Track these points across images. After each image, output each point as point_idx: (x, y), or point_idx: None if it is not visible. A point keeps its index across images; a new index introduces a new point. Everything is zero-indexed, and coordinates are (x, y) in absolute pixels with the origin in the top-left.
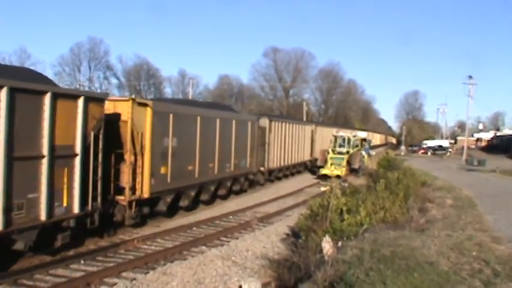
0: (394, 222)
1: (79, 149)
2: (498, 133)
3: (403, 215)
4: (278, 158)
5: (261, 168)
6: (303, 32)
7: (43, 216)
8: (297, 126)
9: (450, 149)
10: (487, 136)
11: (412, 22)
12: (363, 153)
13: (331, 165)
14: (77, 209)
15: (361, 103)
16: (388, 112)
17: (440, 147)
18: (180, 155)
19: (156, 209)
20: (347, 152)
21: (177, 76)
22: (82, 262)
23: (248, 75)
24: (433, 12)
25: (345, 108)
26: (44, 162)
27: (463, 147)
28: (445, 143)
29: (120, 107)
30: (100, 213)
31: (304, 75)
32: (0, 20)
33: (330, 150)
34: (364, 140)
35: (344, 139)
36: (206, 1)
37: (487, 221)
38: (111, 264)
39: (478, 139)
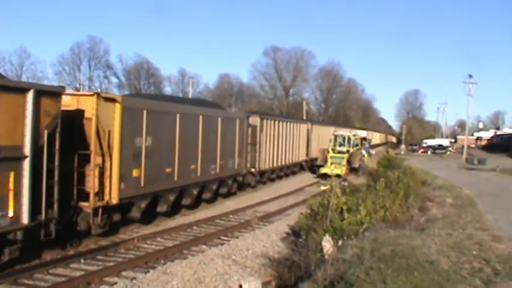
0: (394, 221)
1: (28, 150)
2: (498, 132)
3: (403, 214)
4: (270, 158)
5: (252, 170)
6: (303, 31)
7: None
8: (291, 124)
9: (450, 148)
10: (487, 135)
11: (412, 21)
12: (363, 152)
13: (331, 164)
14: (26, 219)
15: (361, 102)
16: (388, 111)
17: (441, 146)
18: (155, 156)
19: (129, 215)
20: (347, 151)
21: (177, 75)
22: (82, 261)
23: (248, 74)
24: (433, 11)
25: (345, 107)
26: None
27: (463, 146)
28: (445, 142)
29: (84, 103)
30: (58, 222)
31: (304, 74)
32: (1, 19)
33: (330, 149)
34: (364, 139)
35: (344, 138)
36: (206, 0)
37: (487, 220)
38: (111, 264)
39: (478, 138)
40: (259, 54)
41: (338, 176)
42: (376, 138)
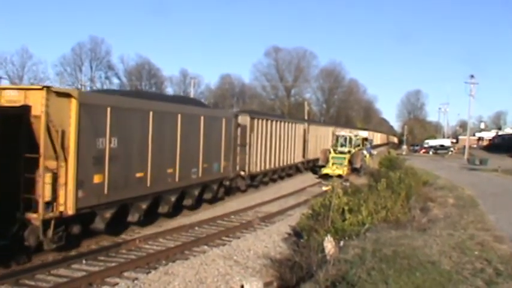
0: (396, 221)
1: None
2: (500, 132)
3: (404, 215)
4: (262, 160)
5: (242, 173)
6: (304, 31)
7: None
8: (286, 124)
9: (452, 149)
10: (488, 135)
11: (413, 21)
12: (365, 152)
13: (333, 164)
14: None
15: (362, 102)
16: (390, 111)
17: (442, 147)
18: (123, 159)
19: (93, 226)
20: (348, 151)
21: (178, 76)
22: (84, 262)
23: (250, 75)
24: (435, 11)
25: (346, 107)
26: None
27: (464, 147)
28: (446, 143)
29: (33, 98)
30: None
31: (306, 74)
32: (2, 20)
33: (331, 150)
34: (365, 139)
35: (346, 138)
36: (208, 1)
37: (489, 220)
38: (113, 264)
39: (479, 138)
40: (261, 55)
41: (339, 176)
42: (378, 138)
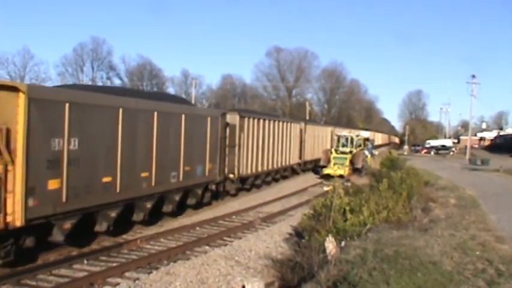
0: (398, 221)
1: None
2: (501, 132)
3: (406, 215)
4: (254, 162)
5: (231, 176)
6: (305, 31)
7: None
8: (280, 123)
9: (453, 149)
10: (490, 135)
11: (415, 21)
12: (366, 152)
13: (334, 164)
14: None
15: (364, 103)
16: (391, 112)
17: (444, 147)
18: (86, 162)
19: (51, 238)
20: (350, 151)
21: (180, 76)
22: (85, 262)
23: (251, 75)
24: (437, 11)
25: (348, 107)
26: None
27: (466, 147)
28: (448, 143)
29: None
30: None
31: (307, 75)
32: (4, 20)
33: (332, 150)
34: (367, 139)
35: (347, 139)
36: (209, 1)
37: (491, 220)
38: (114, 264)
39: (481, 138)
40: (262, 55)
41: (341, 176)
42: (379, 138)
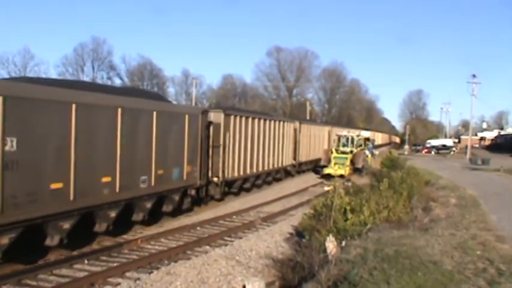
0: (398, 221)
1: None
2: (502, 132)
3: (406, 214)
4: (241, 164)
5: (214, 179)
6: (306, 31)
7: None
8: (272, 123)
9: (454, 148)
10: (491, 135)
11: (415, 21)
12: (367, 152)
13: (335, 164)
14: None
15: (364, 102)
16: (392, 111)
17: (444, 147)
18: (28, 166)
19: None
20: (350, 151)
21: (180, 76)
22: (86, 262)
23: (251, 75)
24: (437, 11)
25: (348, 107)
26: None
27: (466, 147)
28: (448, 142)
29: None
30: None
31: (308, 74)
32: (4, 20)
33: (333, 150)
34: (367, 139)
35: (348, 138)
36: (209, 1)
37: (491, 220)
38: (115, 264)
39: (481, 138)
40: (263, 55)
41: (341, 176)
42: (380, 138)
